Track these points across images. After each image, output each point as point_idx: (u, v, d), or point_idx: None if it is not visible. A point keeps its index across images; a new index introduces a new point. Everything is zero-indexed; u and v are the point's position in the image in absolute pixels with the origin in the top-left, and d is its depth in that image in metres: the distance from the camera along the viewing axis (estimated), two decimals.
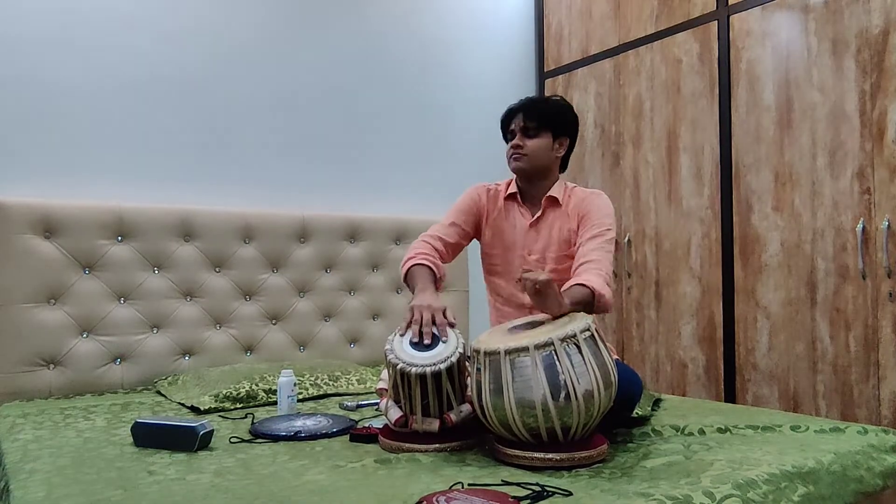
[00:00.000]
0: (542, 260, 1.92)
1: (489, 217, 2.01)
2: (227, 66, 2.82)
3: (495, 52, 3.61)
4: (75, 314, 2.38)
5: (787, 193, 2.63)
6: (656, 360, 3.09)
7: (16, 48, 2.39)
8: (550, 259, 1.91)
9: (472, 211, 2.01)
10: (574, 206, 1.92)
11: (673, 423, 1.80)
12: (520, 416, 1.41)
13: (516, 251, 1.96)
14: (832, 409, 2.48)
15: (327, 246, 2.94)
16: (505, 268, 1.98)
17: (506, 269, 1.98)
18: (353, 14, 3.14)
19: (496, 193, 2.02)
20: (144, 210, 2.53)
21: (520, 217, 1.97)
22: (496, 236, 2.00)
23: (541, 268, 1.91)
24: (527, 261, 1.93)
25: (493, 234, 2.00)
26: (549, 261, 1.91)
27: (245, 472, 1.41)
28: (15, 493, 1.30)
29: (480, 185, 2.05)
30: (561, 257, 1.91)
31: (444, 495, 1.18)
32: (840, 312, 2.47)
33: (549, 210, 1.94)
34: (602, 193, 1.95)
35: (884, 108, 2.35)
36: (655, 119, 3.12)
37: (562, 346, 1.42)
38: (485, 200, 2.02)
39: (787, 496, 1.34)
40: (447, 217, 2.02)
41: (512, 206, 1.99)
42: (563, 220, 1.92)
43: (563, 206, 1.93)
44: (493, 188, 2.03)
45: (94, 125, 2.53)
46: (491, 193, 2.02)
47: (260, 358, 2.73)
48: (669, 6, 3.06)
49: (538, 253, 1.93)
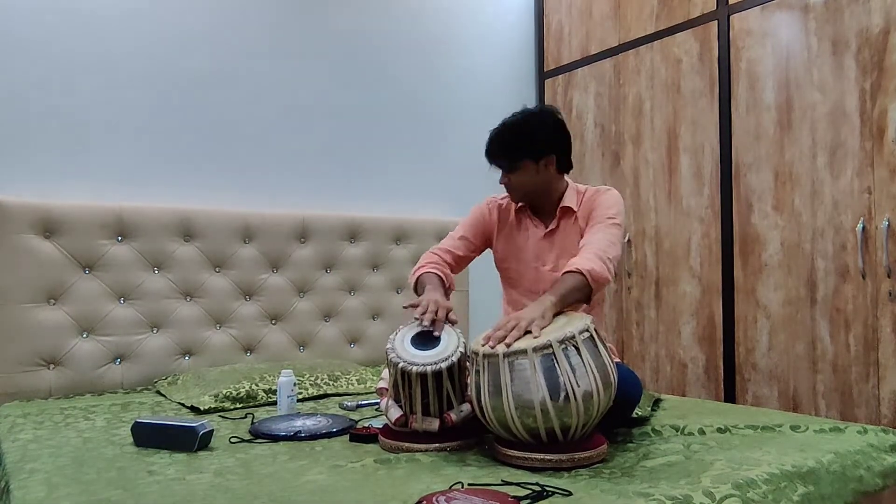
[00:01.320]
0: (555, 269, 1.88)
1: (500, 231, 1.99)
2: (228, 67, 2.82)
3: (495, 52, 3.61)
4: (75, 314, 2.38)
5: (787, 193, 2.63)
6: (656, 359, 3.09)
7: (16, 48, 2.39)
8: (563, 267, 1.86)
9: (480, 225, 2.00)
10: (584, 208, 1.90)
11: (673, 423, 1.80)
12: (519, 417, 1.41)
13: (529, 263, 1.94)
14: (832, 408, 2.48)
15: (327, 246, 2.94)
16: (518, 279, 1.97)
17: (519, 280, 1.97)
18: (353, 15, 3.14)
19: (508, 206, 1.99)
20: (144, 210, 2.53)
21: (533, 229, 1.94)
22: (509, 249, 1.98)
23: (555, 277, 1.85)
24: (540, 272, 1.91)
25: (505, 247, 1.99)
26: (561, 269, 1.86)
27: (245, 472, 1.42)
28: (15, 493, 1.30)
29: (491, 199, 2.03)
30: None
31: (444, 495, 1.18)
32: (840, 312, 2.47)
33: (563, 220, 1.91)
34: (611, 189, 1.92)
35: (884, 107, 2.35)
36: (655, 119, 3.12)
37: (560, 347, 1.42)
38: (495, 216, 2.00)
39: (787, 496, 1.34)
40: (457, 231, 2.02)
41: (524, 218, 1.97)
42: (576, 227, 1.89)
43: (577, 211, 1.90)
44: (504, 202, 2.00)
45: (94, 125, 2.53)
46: (503, 207, 2.00)
47: (260, 358, 2.73)
48: (669, 6, 3.06)
49: (551, 263, 1.91)
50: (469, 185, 2.77)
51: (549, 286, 1.85)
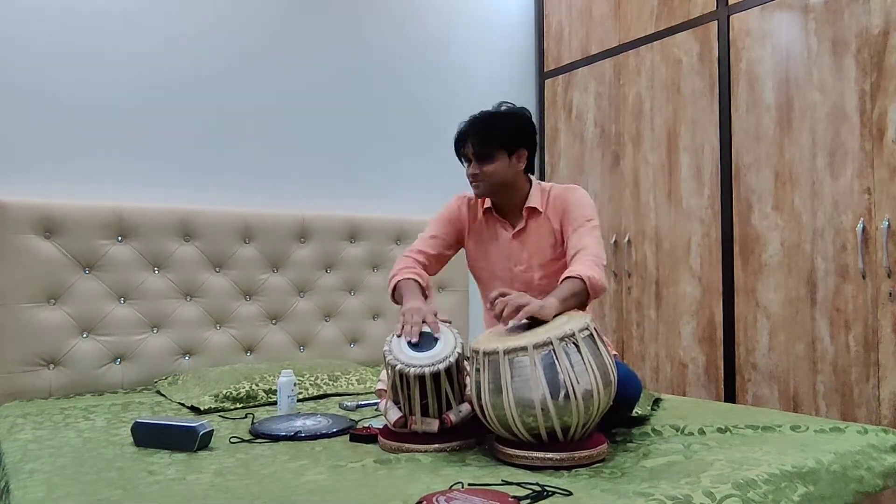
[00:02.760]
0: (529, 269, 1.91)
1: (470, 229, 2.00)
2: (228, 67, 2.82)
3: (495, 52, 3.61)
4: (75, 314, 2.38)
5: (787, 193, 2.63)
6: (656, 360, 3.09)
7: (16, 49, 2.39)
8: (537, 266, 1.90)
9: (452, 222, 2.00)
10: (552, 207, 1.90)
11: (673, 423, 1.79)
12: (519, 415, 1.41)
13: (502, 264, 1.95)
14: (832, 409, 2.48)
15: (327, 246, 2.94)
16: (490, 280, 1.98)
17: (491, 281, 1.98)
18: (353, 15, 3.14)
19: (476, 205, 1.99)
20: (144, 210, 2.53)
21: (501, 230, 1.95)
22: (479, 250, 1.99)
23: (529, 276, 1.90)
24: (514, 272, 1.92)
25: (476, 247, 2.00)
26: (535, 268, 1.90)
27: (245, 472, 1.41)
28: (15, 493, 1.30)
29: (462, 195, 2.03)
30: (548, 262, 1.90)
31: (444, 495, 1.18)
32: (840, 312, 2.47)
33: (531, 220, 1.92)
34: (577, 187, 1.92)
35: (884, 107, 2.35)
36: (655, 119, 3.12)
37: (560, 345, 1.42)
38: (465, 211, 2.00)
39: (787, 496, 1.34)
40: (428, 229, 2.01)
41: (492, 219, 1.97)
42: (545, 226, 1.90)
43: (544, 211, 1.91)
44: (473, 199, 2.00)
45: (94, 125, 2.53)
46: (471, 204, 2.00)
47: (260, 358, 2.73)
48: (669, 6, 3.06)
49: (524, 263, 1.92)
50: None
51: (522, 286, 1.86)
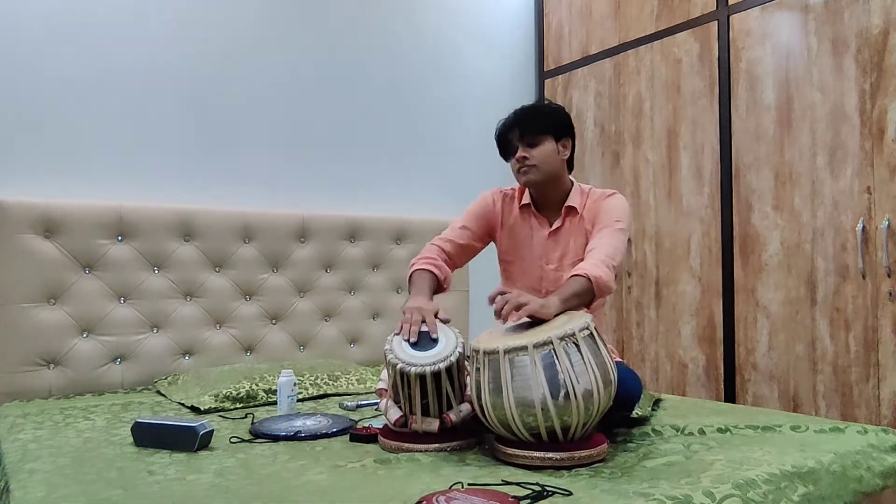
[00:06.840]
0: (560, 268, 1.89)
1: (504, 223, 1.98)
2: (228, 66, 2.82)
3: (495, 52, 3.61)
4: (75, 314, 2.38)
5: (787, 193, 2.63)
6: (656, 359, 3.09)
7: (15, 47, 2.39)
8: (568, 266, 1.87)
9: (485, 215, 1.98)
10: (589, 209, 1.89)
11: (673, 423, 1.79)
12: (519, 415, 1.41)
13: (534, 261, 1.93)
14: (832, 409, 2.48)
15: (327, 246, 2.94)
16: (521, 276, 1.96)
17: (521, 278, 1.96)
18: (353, 14, 3.14)
19: (512, 199, 1.98)
20: (144, 210, 2.52)
21: (537, 227, 1.94)
22: (513, 245, 1.97)
23: (559, 276, 1.87)
24: (544, 270, 1.91)
25: (509, 242, 1.98)
26: (567, 268, 1.87)
27: (245, 472, 1.41)
28: (15, 493, 1.30)
29: (497, 189, 2.01)
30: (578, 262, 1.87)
31: (444, 495, 1.18)
32: (840, 312, 2.47)
33: (567, 219, 1.91)
34: (616, 193, 1.92)
35: (883, 107, 2.35)
36: (655, 118, 3.12)
37: (561, 344, 1.42)
38: (500, 206, 1.98)
39: (787, 496, 1.34)
40: (460, 220, 1.99)
41: (528, 215, 1.96)
42: (581, 227, 1.89)
43: (581, 211, 1.90)
44: (509, 193, 1.99)
45: (94, 125, 2.53)
46: (507, 199, 1.98)
47: (260, 358, 2.73)
48: (669, 6, 3.06)
49: (555, 262, 1.91)
50: (469, 185, 2.77)
51: (551, 285, 1.85)
